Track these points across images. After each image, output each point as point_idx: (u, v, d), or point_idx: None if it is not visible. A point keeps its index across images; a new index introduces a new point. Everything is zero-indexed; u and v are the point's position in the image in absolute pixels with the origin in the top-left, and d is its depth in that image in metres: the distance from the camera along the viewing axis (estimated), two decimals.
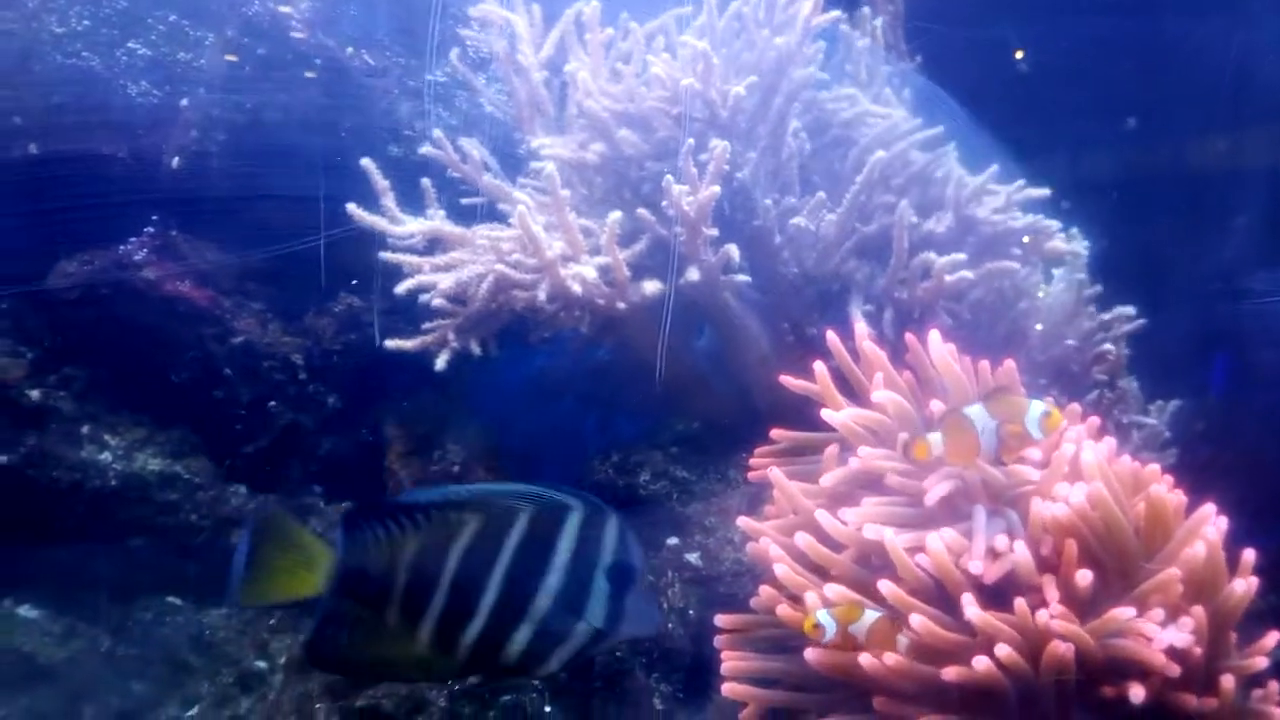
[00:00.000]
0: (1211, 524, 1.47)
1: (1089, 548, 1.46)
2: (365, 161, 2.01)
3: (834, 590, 1.46)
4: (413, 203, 2.07)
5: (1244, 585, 1.41)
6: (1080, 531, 1.45)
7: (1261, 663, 1.42)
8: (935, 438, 1.51)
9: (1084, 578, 1.40)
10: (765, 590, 1.57)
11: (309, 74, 2.18)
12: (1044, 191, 2.13)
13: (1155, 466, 1.58)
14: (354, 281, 2.20)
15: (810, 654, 1.43)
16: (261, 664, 1.91)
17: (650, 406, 2.60)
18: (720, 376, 2.41)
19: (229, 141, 2.11)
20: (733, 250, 2.03)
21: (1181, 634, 1.38)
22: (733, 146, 2.03)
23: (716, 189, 1.92)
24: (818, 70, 2.12)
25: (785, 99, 2.02)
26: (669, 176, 1.89)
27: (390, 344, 1.94)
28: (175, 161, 2.13)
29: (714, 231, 2.01)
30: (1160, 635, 1.37)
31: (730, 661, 1.53)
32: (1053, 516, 1.44)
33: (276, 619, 2.02)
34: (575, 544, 0.96)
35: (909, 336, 1.80)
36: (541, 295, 1.86)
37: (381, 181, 2.01)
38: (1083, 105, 2.68)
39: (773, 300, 2.31)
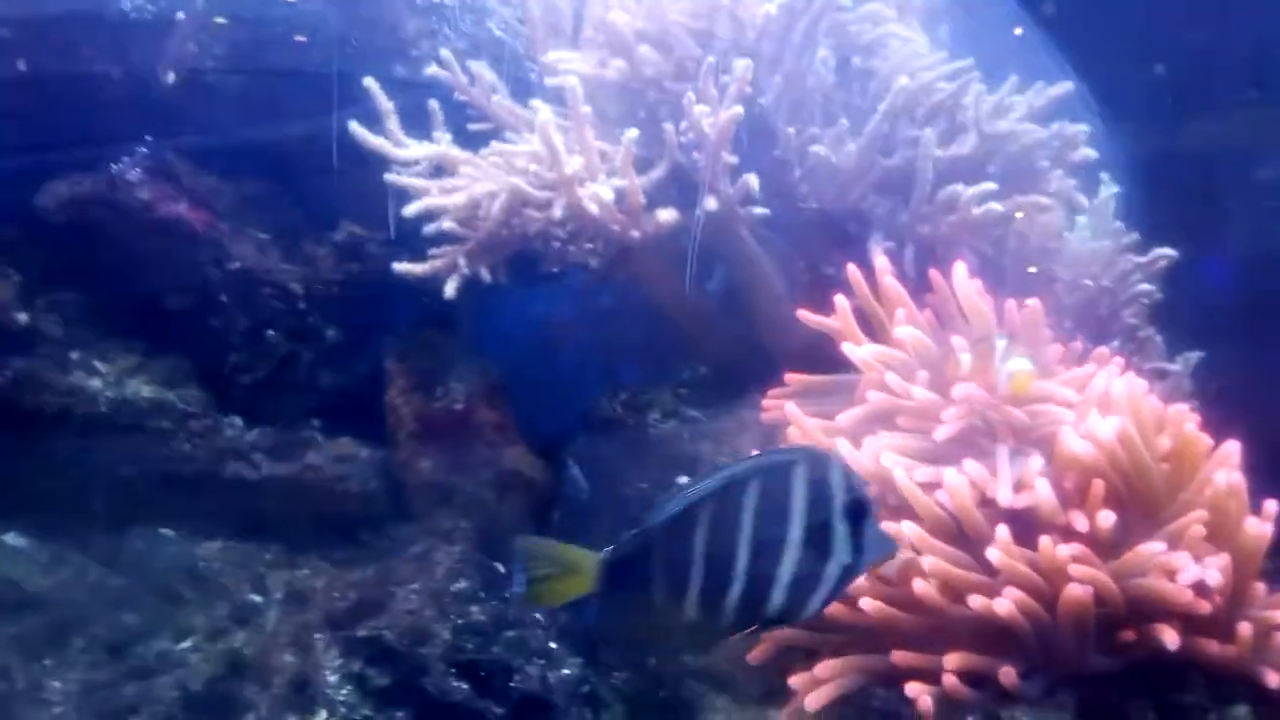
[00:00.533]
0: (1235, 463, 1.42)
1: (1114, 487, 1.40)
2: (368, 81, 1.92)
3: None
4: (419, 126, 1.98)
5: (1258, 526, 1.36)
6: (1106, 470, 1.39)
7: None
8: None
9: (1107, 518, 1.35)
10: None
11: None
12: (1065, 86, 2.05)
13: (1184, 406, 1.52)
14: (356, 209, 2.11)
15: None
16: (257, 598, 1.84)
17: (659, 350, 2.53)
18: (733, 318, 2.34)
19: (227, 58, 2.02)
20: (752, 180, 1.95)
21: (1211, 571, 1.32)
22: (757, 70, 1.95)
23: (739, 110, 1.83)
24: None
25: (812, 19, 1.93)
26: (690, 94, 1.81)
27: (399, 267, 1.86)
28: (170, 79, 2.03)
29: (734, 159, 1.93)
30: (1189, 570, 1.32)
31: None
32: (1078, 453, 1.39)
33: (272, 554, 1.96)
34: (808, 493, 1.04)
35: (933, 273, 1.73)
36: (557, 213, 1.77)
37: (385, 102, 1.93)
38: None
39: (789, 237, 2.24)
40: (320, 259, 2.14)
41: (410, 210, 1.81)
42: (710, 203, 1.94)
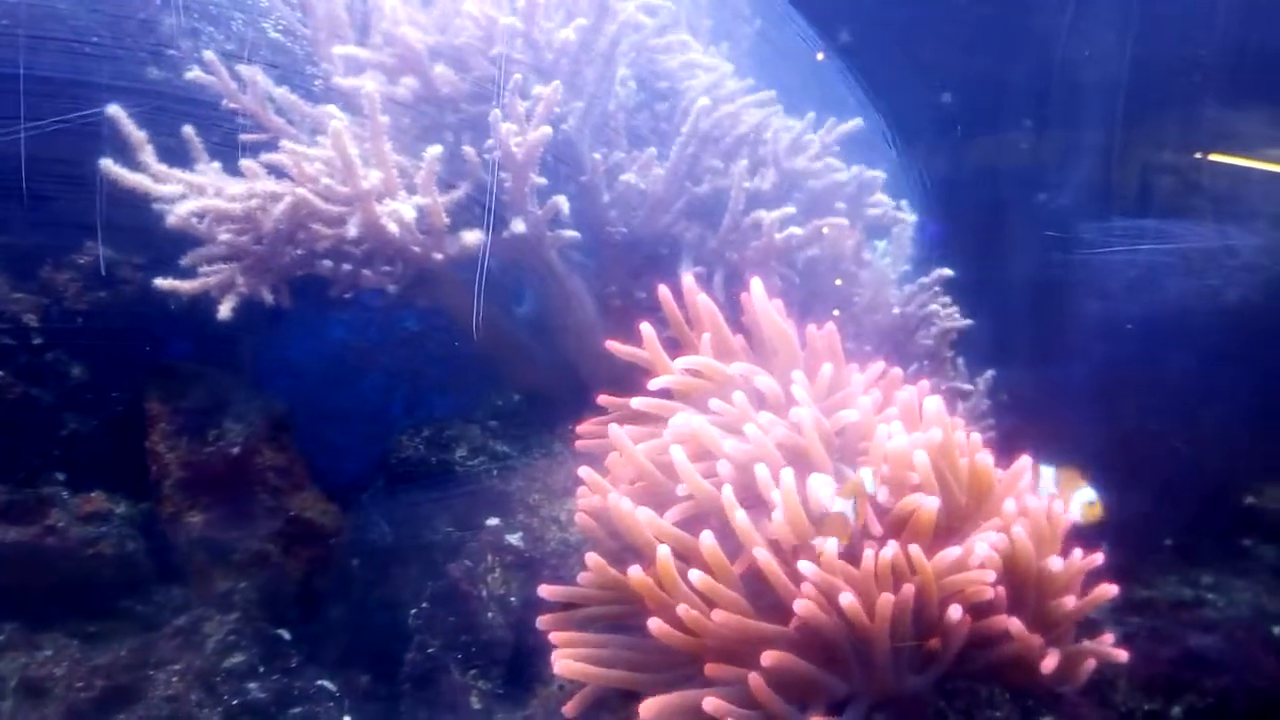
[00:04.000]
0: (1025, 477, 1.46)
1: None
2: (114, 109, 1.66)
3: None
4: (178, 137, 1.74)
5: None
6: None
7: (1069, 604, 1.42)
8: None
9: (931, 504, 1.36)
10: (592, 559, 1.42)
11: None
12: (855, 122, 2.09)
13: (976, 435, 1.56)
14: (104, 228, 1.84)
15: (654, 625, 1.30)
16: None
17: (467, 379, 2.39)
18: (543, 345, 2.24)
19: None
20: (562, 202, 1.85)
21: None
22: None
23: (548, 130, 1.73)
24: (642, 12, 1.98)
25: (610, 41, 1.85)
26: (496, 111, 1.68)
27: (161, 284, 1.61)
28: None
29: (542, 180, 1.82)
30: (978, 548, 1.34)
31: (561, 640, 1.37)
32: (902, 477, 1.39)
33: (6, 634, 1.66)
34: None
35: (744, 297, 1.70)
36: (352, 231, 1.60)
37: (136, 133, 1.67)
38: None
39: (599, 263, 2.16)
40: (62, 285, 1.84)
41: (177, 212, 1.58)
42: (518, 225, 1.83)
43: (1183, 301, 2.65)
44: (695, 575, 1.31)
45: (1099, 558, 1.47)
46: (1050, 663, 1.35)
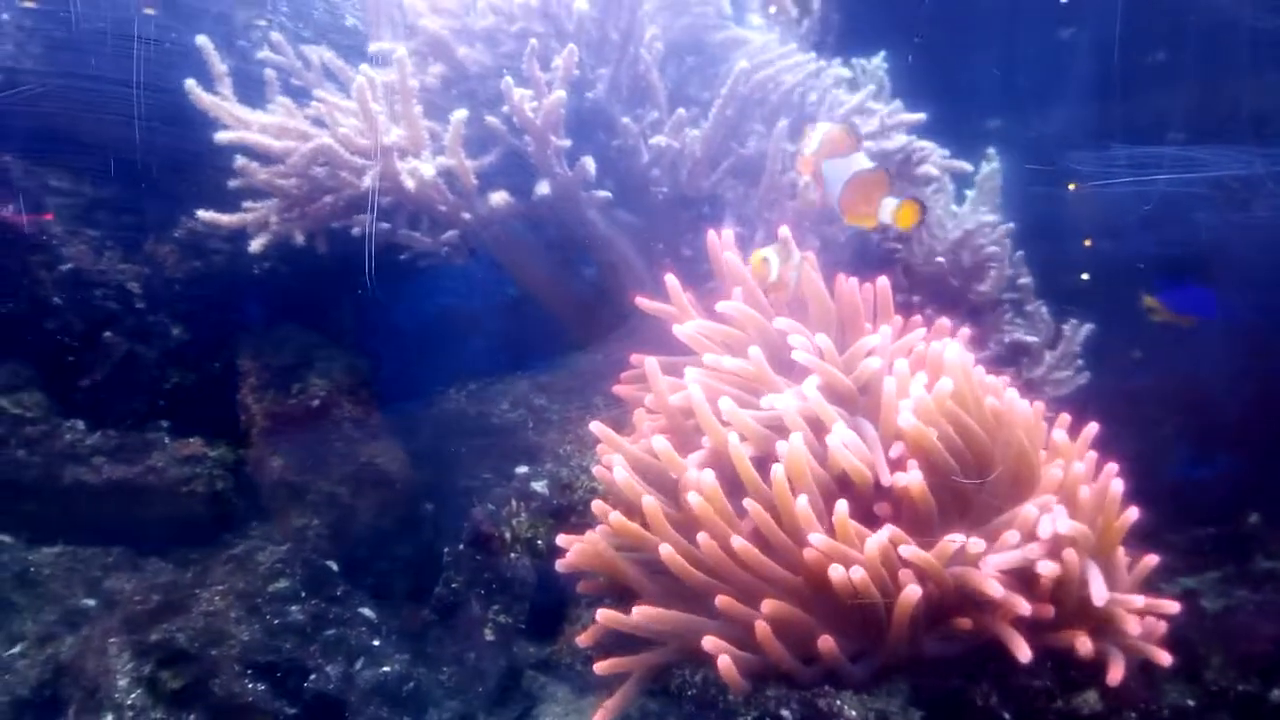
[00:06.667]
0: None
1: (943, 450, 1.38)
2: (201, 39, 1.85)
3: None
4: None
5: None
6: (930, 439, 1.37)
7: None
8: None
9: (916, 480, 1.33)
10: (597, 505, 1.48)
11: None
12: (919, 116, 2.02)
13: (1004, 379, 1.50)
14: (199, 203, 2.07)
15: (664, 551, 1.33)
16: (90, 602, 1.81)
17: (546, 339, 2.50)
18: (605, 304, 2.32)
19: (46, 56, 1.97)
20: (589, 163, 1.92)
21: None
22: (584, 62, 1.92)
23: (562, 94, 1.80)
24: None
25: (628, 8, 1.88)
26: (508, 79, 1.77)
27: (203, 215, 1.80)
28: None
29: (566, 142, 1.89)
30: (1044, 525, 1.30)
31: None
32: (904, 428, 1.36)
33: (114, 557, 1.93)
34: None
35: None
36: (367, 182, 1.72)
37: (219, 65, 1.86)
38: None
39: (646, 222, 2.21)
40: (162, 257, 2.10)
41: (221, 137, 1.76)
42: (543, 187, 1.91)
43: None
44: (694, 499, 1.33)
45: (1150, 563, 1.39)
46: (1086, 647, 1.29)
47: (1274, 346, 2.54)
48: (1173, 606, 1.39)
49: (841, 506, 1.30)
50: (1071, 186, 2.62)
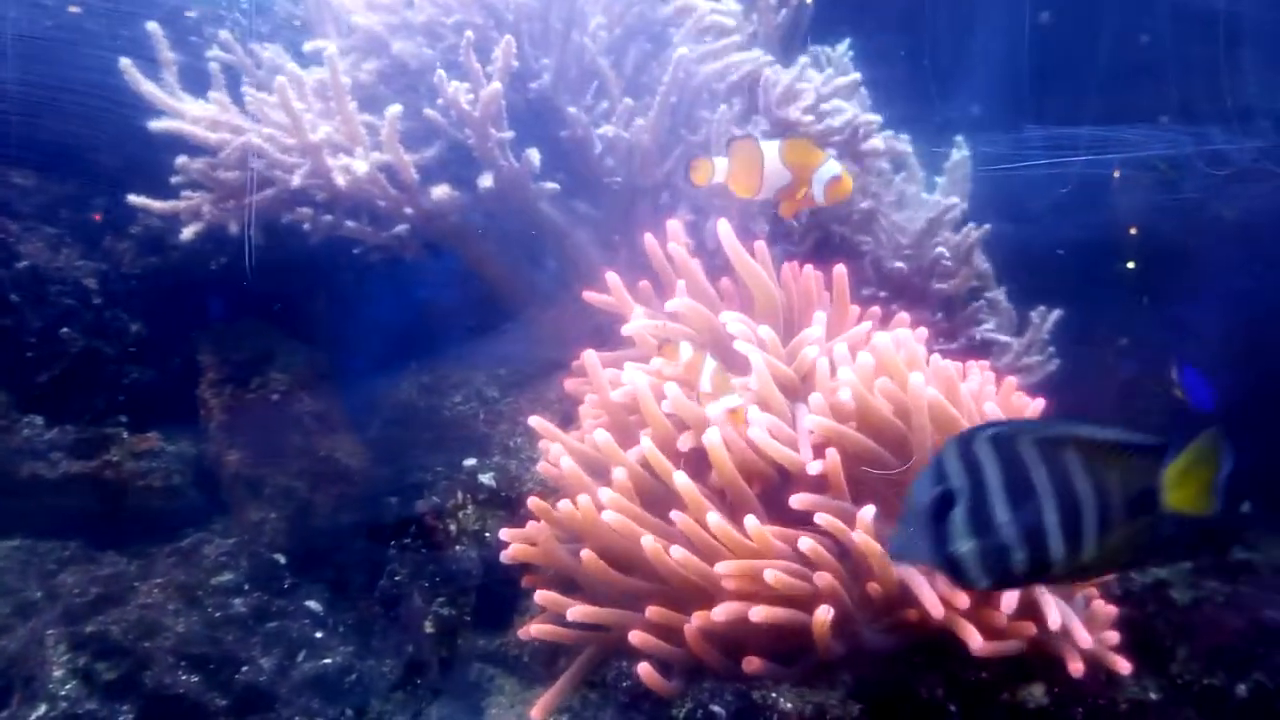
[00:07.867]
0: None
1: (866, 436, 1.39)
2: (151, 25, 1.86)
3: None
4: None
5: None
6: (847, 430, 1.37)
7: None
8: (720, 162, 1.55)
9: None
10: (533, 502, 1.49)
11: None
12: (853, 77, 2.00)
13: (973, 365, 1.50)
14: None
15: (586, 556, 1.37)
16: (39, 594, 1.83)
17: (502, 331, 2.50)
18: (567, 296, 2.32)
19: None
20: (533, 154, 1.91)
21: None
22: (527, 53, 1.91)
23: (499, 86, 1.79)
24: None
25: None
26: (440, 73, 1.77)
27: (134, 200, 1.81)
28: None
29: (509, 134, 1.89)
30: None
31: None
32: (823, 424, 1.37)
33: (70, 551, 1.95)
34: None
35: (720, 235, 1.70)
36: (296, 180, 1.73)
37: (166, 53, 1.87)
38: None
39: (605, 213, 2.20)
40: (120, 253, 2.11)
41: (156, 126, 1.77)
42: (486, 180, 1.91)
43: None
44: (607, 495, 1.35)
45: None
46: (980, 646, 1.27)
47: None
48: (1125, 667, 1.38)
49: (751, 519, 1.32)
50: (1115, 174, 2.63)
